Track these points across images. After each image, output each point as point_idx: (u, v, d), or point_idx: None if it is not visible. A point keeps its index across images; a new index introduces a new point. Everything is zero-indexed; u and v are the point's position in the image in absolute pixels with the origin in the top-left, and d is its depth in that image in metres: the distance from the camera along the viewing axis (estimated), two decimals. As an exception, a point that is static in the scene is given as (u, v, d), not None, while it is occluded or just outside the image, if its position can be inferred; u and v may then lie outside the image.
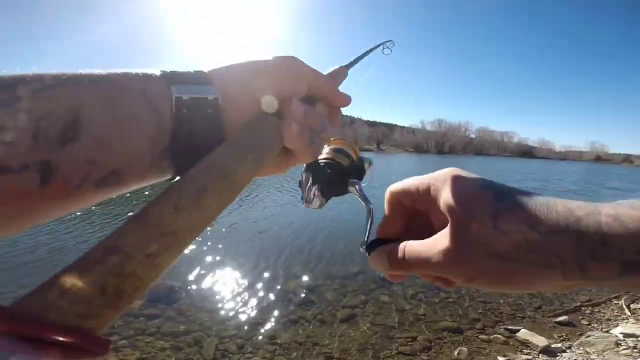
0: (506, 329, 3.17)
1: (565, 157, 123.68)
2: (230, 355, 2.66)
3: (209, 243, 4.69)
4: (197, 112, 0.30)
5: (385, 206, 0.36)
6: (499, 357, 2.78)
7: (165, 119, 0.29)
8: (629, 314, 3.38)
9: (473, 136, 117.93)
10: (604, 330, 3.09)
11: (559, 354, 2.74)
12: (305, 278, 4.03)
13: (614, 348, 2.70)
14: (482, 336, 3.09)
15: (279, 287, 3.78)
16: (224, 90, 0.31)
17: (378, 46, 0.52)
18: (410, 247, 0.31)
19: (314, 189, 0.42)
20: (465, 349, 2.89)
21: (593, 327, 3.22)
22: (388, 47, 0.53)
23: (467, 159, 60.24)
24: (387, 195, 0.36)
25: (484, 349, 2.94)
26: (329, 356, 2.74)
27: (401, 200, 0.35)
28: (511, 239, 0.25)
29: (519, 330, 3.11)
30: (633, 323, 3.12)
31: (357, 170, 0.45)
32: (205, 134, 0.30)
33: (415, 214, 0.35)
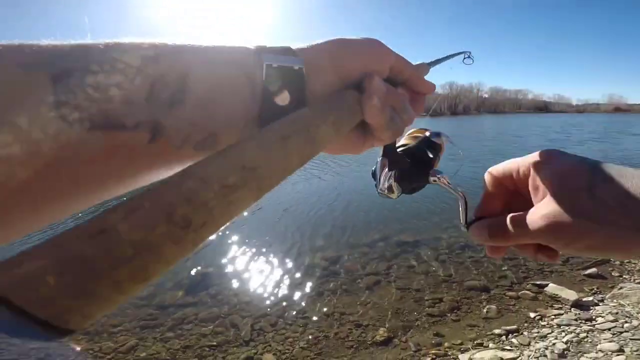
0: (534, 285, 3.15)
1: (583, 110, 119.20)
2: (265, 333, 2.73)
3: (236, 227, 4.73)
4: (285, 79, 0.31)
5: (486, 187, 0.38)
6: (530, 314, 2.76)
7: (257, 88, 0.30)
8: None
9: (486, 95, 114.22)
10: (636, 281, 3.02)
11: (591, 307, 2.70)
12: (328, 251, 4.04)
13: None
14: (510, 293, 3.08)
15: (303, 262, 3.80)
16: (309, 62, 0.32)
17: (460, 54, 0.54)
18: (511, 216, 0.34)
19: (390, 177, 0.41)
20: (494, 306, 2.88)
21: (624, 278, 3.15)
22: (470, 58, 0.54)
23: (482, 118, 58.77)
24: (487, 177, 0.38)
25: (513, 305, 2.92)
26: (357, 324, 2.76)
27: (502, 181, 0.37)
28: (607, 205, 0.28)
29: (547, 285, 3.08)
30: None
31: (432, 152, 0.43)
32: (291, 100, 0.31)
33: (514, 197, 0.37)
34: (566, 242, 0.30)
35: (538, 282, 3.16)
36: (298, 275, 3.55)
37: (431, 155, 0.42)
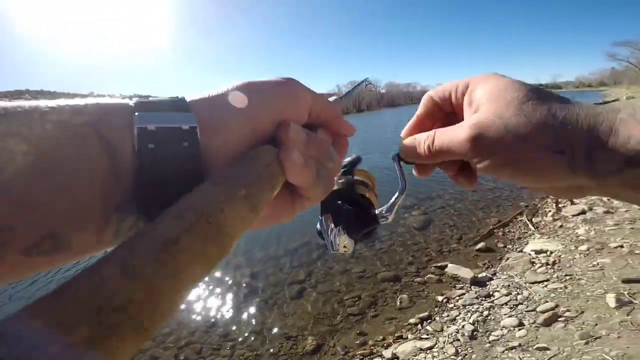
0: (436, 267, 3.31)
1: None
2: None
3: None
4: (168, 147, 0.23)
5: (420, 108, 0.39)
6: (438, 297, 2.88)
7: (124, 160, 0.22)
8: (533, 228, 3.71)
9: (383, 91, 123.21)
10: (517, 250, 3.34)
11: (487, 282, 2.90)
12: (249, 267, 3.89)
13: (530, 267, 2.91)
14: (417, 279, 3.20)
15: (225, 282, 3.60)
16: (205, 117, 0.25)
17: (362, 82, 0.53)
18: (440, 131, 0.34)
19: (339, 232, 0.37)
20: (406, 295, 2.96)
21: (508, 248, 3.47)
22: (370, 84, 0.55)
23: (382, 112, 63.45)
24: (424, 98, 0.38)
25: (422, 291, 3.03)
26: (287, 336, 2.70)
27: (438, 100, 0.37)
28: (532, 122, 0.28)
29: (446, 265, 3.26)
30: (539, 238, 3.42)
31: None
32: (180, 174, 0.23)
33: (447, 120, 0.37)
34: (486, 153, 0.30)
35: (439, 264, 3.32)
36: (220, 296, 3.41)
37: (366, 194, 0.38)
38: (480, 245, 3.57)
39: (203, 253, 0.19)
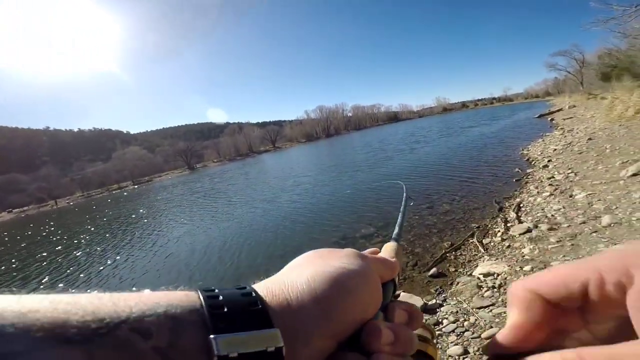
0: (390, 298, 3.11)
1: (422, 114, 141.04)
2: None
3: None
4: None
5: (519, 313, 0.23)
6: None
7: None
8: (482, 250, 3.59)
9: (350, 114, 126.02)
10: (467, 273, 3.20)
11: (437, 309, 2.73)
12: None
13: (477, 292, 2.76)
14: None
15: None
16: (288, 330, 0.21)
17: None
18: (597, 356, 0.18)
19: None
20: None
21: (459, 272, 3.32)
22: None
23: (351, 135, 64.56)
24: (518, 291, 0.23)
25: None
26: None
27: (549, 297, 0.22)
28: None
29: (399, 295, 3.06)
30: (487, 260, 3.29)
31: None
32: None
33: (559, 320, 0.22)
34: None
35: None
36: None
37: (427, 350, 0.32)
38: (433, 271, 3.41)
39: None
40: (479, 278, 2.98)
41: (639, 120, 8.61)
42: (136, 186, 60.29)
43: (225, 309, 0.20)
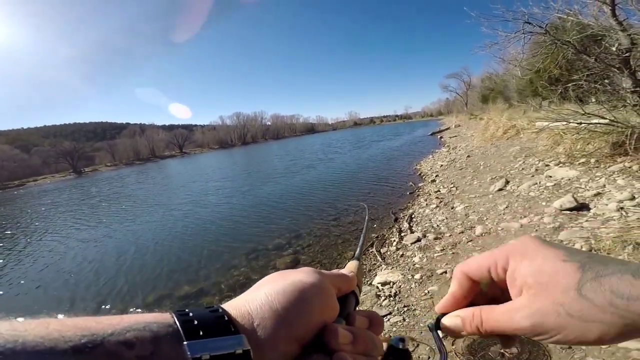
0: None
1: (335, 127, 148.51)
2: None
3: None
4: None
5: (453, 283, 0.36)
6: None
7: None
8: (380, 260, 3.82)
9: (269, 123, 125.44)
10: (369, 283, 3.34)
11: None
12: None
13: (377, 301, 2.89)
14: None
15: None
16: (253, 336, 0.25)
17: None
18: (487, 311, 0.32)
19: None
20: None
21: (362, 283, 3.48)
22: None
23: (269, 144, 64.05)
24: (456, 272, 0.36)
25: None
26: None
27: (472, 276, 0.34)
28: (596, 305, 0.26)
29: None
30: (385, 269, 3.51)
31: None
32: None
33: (480, 294, 0.35)
34: (549, 338, 0.28)
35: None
36: None
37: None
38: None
39: None
40: (377, 287, 3.14)
41: (506, 139, 10.18)
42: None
43: (196, 322, 0.23)
